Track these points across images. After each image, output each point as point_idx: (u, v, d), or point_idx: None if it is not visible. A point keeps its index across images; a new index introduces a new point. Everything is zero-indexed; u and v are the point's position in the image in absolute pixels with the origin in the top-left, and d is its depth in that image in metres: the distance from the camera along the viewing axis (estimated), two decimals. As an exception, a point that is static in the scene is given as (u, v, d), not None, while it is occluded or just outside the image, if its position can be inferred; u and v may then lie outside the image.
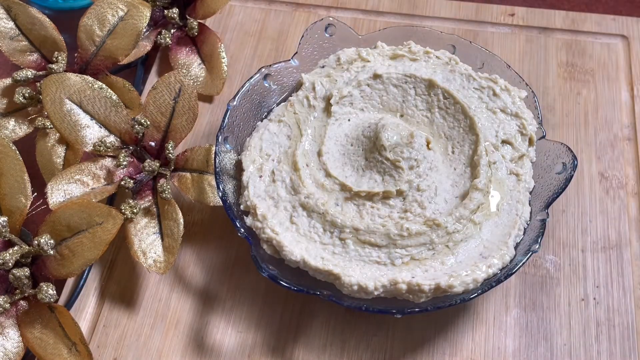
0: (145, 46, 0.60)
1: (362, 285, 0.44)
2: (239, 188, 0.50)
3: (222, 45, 0.60)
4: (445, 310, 0.47)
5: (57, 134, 0.54)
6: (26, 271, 0.46)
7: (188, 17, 0.61)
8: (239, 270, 0.52)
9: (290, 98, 0.53)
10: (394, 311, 0.44)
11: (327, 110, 0.52)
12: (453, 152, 0.51)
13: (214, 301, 0.51)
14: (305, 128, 0.52)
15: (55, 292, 0.46)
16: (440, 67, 0.53)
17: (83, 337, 0.45)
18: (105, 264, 0.52)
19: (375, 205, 0.48)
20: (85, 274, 0.51)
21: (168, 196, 0.50)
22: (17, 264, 0.46)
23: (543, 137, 0.49)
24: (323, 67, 0.54)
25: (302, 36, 0.54)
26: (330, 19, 0.54)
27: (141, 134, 0.51)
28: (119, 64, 0.56)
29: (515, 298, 0.50)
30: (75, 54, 0.55)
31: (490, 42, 0.62)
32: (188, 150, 0.52)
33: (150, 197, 0.51)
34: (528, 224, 0.47)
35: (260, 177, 0.50)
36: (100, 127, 0.51)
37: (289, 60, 0.53)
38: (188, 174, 0.51)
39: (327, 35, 0.54)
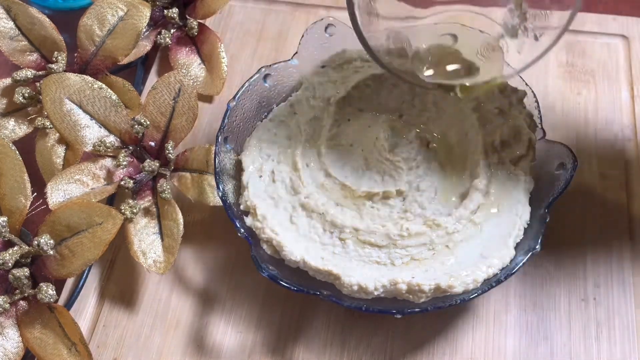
0: (145, 46, 0.60)
1: (362, 285, 0.44)
2: (239, 188, 0.50)
3: (222, 45, 0.60)
4: (445, 310, 0.47)
5: (57, 134, 0.54)
6: (26, 271, 0.46)
7: (188, 17, 0.61)
8: (239, 270, 0.52)
9: (290, 98, 0.53)
10: (394, 311, 0.44)
11: (327, 110, 0.52)
12: (453, 152, 0.51)
13: (214, 301, 0.51)
14: (305, 128, 0.52)
15: (55, 292, 0.46)
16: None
17: (83, 337, 0.45)
18: (105, 264, 0.52)
19: (375, 206, 0.48)
20: (85, 274, 0.51)
21: (168, 196, 0.50)
22: (17, 264, 0.46)
23: (543, 137, 0.49)
24: (323, 67, 0.54)
25: (302, 36, 0.53)
26: (331, 19, 0.54)
27: (141, 134, 0.51)
28: (119, 64, 0.56)
29: (515, 298, 0.50)
30: (75, 54, 0.55)
31: (490, 42, 0.62)
32: (188, 150, 0.52)
33: (150, 197, 0.51)
34: (528, 224, 0.47)
35: (260, 177, 0.50)
36: (100, 127, 0.51)
37: (289, 60, 0.53)
38: (188, 174, 0.51)
39: (327, 35, 0.54)
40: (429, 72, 0.47)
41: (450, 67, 0.48)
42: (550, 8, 0.44)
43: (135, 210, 0.50)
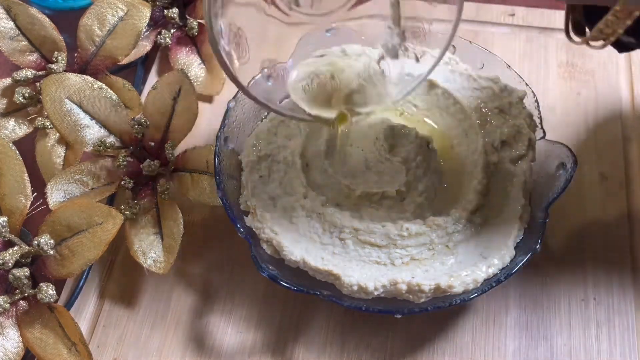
0: (145, 46, 0.60)
1: (362, 285, 0.44)
2: (239, 188, 0.50)
3: (222, 45, 0.60)
4: (445, 310, 0.47)
5: (57, 134, 0.54)
6: (26, 271, 0.46)
7: (188, 17, 0.61)
8: (239, 271, 0.52)
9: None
10: (394, 311, 0.44)
11: (327, 110, 0.52)
12: (453, 152, 0.51)
13: (214, 301, 0.51)
14: (305, 128, 0.52)
15: (55, 292, 0.46)
16: (440, 67, 0.53)
17: (83, 337, 0.45)
18: (105, 264, 0.52)
19: (375, 205, 0.48)
20: (85, 274, 0.51)
21: (168, 196, 0.50)
22: (17, 264, 0.46)
23: (543, 137, 0.49)
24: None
25: (302, 37, 0.53)
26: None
27: (141, 134, 0.51)
28: (119, 64, 0.56)
29: (515, 298, 0.50)
30: (75, 54, 0.55)
31: (490, 42, 0.62)
32: (188, 150, 0.52)
33: (150, 197, 0.51)
34: (528, 224, 0.47)
35: (260, 177, 0.49)
36: (100, 127, 0.51)
37: (289, 60, 0.53)
38: (188, 174, 0.51)
39: (327, 35, 0.54)
40: (306, 105, 0.45)
41: (329, 98, 0.45)
42: (426, 28, 0.42)
43: (135, 210, 0.50)
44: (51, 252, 0.45)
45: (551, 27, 0.63)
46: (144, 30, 0.55)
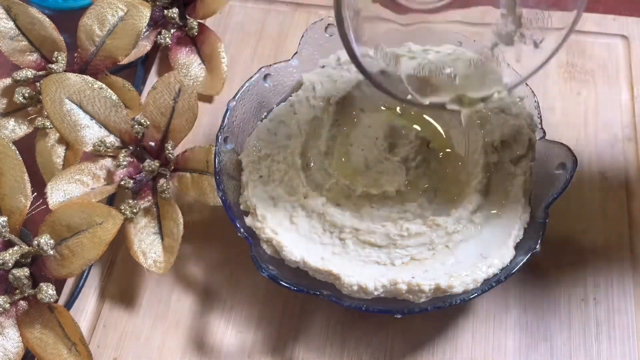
0: (145, 46, 0.60)
1: (362, 285, 0.44)
2: (239, 188, 0.50)
3: (222, 45, 0.60)
4: (445, 310, 0.47)
5: (57, 134, 0.54)
6: (26, 271, 0.46)
7: (188, 17, 0.61)
8: (239, 270, 0.52)
9: (290, 98, 0.53)
10: (394, 311, 0.44)
11: (327, 110, 0.52)
12: (453, 152, 0.51)
13: (214, 301, 0.51)
14: (305, 128, 0.52)
15: (55, 292, 0.46)
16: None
17: (83, 337, 0.45)
18: (105, 264, 0.52)
19: (375, 205, 0.48)
20: (85, 274, 0.51)
21: (168, 196, 0.50)
22: (17, 264, 0.46)
23: (543, 137, 0.49)
24: (323, 67, 0.54)
25: (302, 36, 0.53)
26: (330, 18, 0.54)
27: (141, 134, 0.51)
28: (119, 64, 0.56)
29: (515, 298, 0.50)
30: (75, 54, 0.55)
31: (491, 42, 0.62)
32: (188, 150, 0.52)
33: (150, 197, 0.51)
34: (528, 224, 0.47)
35: (260, 177, 0.50)
36: (100, 127, 0.51)
37: (289, 60, 0.53)
38: (188, 174, 0.51)
39: (327, 35, 0.54)
40: (421, 91, 0.44)
41: (444, 85, 0.45)
42: (550, 9, 0.41)
43: (135, 210, 0.50)
44: (51, 252, 0.45)
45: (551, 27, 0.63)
46: (144, 30, 0.55)
